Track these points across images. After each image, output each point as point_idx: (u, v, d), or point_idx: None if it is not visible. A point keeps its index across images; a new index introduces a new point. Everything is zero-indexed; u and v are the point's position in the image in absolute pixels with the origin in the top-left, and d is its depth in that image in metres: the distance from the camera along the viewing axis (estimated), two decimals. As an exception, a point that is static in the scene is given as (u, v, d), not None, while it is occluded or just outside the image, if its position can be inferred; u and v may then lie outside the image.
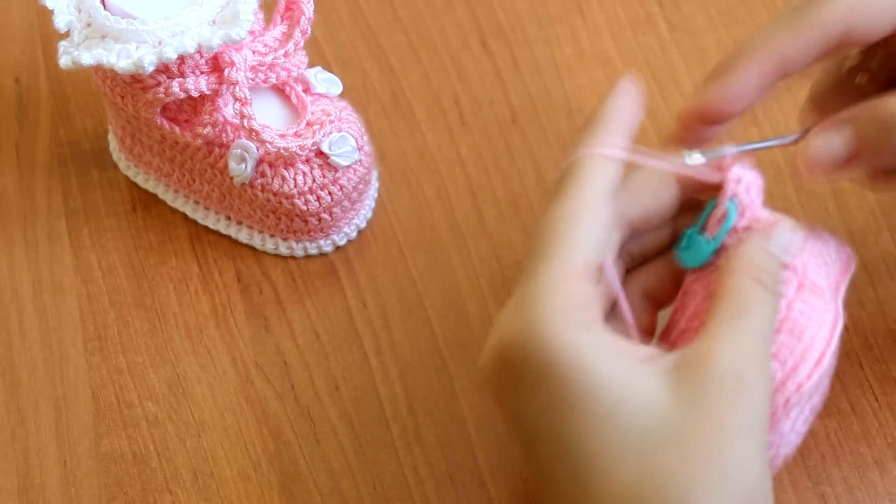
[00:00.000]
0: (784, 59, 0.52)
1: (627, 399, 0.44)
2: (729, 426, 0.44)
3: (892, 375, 0.62)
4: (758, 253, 0.49)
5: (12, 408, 0.64)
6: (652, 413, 0.44)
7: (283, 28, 0.64)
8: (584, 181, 0.48)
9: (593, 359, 0.45)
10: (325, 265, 0.67)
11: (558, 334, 0.45)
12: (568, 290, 0.46)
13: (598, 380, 0.44)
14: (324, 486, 0.61)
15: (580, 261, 0.47)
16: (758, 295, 0.48)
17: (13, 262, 0.68)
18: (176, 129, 0.64)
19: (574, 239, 0.47)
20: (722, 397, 0.44)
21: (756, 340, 0.47)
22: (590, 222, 0.48)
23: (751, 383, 0.45)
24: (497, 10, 0.76)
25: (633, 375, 0.45)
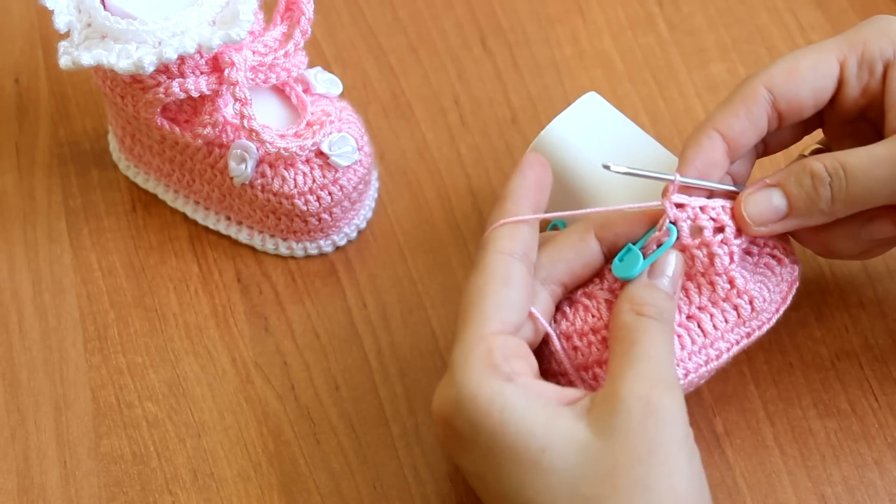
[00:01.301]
0: (725, 134, 0.56)
1: (552, 442, 0.48)
2: (646, 447, 0.48)
3: (892, 375, 0.62)
4: (638, 290, 0.54)
5: (12, 408, 0.64)
6: (576, 451, 0.48)
7: (283, 28, 0.64)
8: (492, 250, 0.54)
9: (516, 409, 0.49)
10: (325, 265, 0.67)
11: (481, 392, 0.49)
12: (487, 349, 0.50)
13: (522, 428, 0.48)
14: (324, 486, 0.61)
15: (499, 319, 0.52)
16: (642, 326, 0.52)
17: (13, 262, 0.68)
18: (176, 129, 0.64)
19: (488, 302, 0.52)
20: (633, 423, 0.48)
21: (652, 365, 0.51)
22: (500, 286, 0.52)
23: (657, 403, 0.49)
24: (497, 10, 0.76)
25: (555, 418, 0.49)
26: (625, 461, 0.48)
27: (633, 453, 0.48)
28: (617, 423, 0.48)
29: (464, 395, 0.50)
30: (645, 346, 0.51)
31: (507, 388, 0.49)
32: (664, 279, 0.54)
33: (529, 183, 0.56)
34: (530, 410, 0.49)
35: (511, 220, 0.55)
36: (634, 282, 0.54)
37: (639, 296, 0.53)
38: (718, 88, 0.72)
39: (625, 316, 0.53)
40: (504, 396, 0.49)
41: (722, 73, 0.73)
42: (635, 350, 0.51)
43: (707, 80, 0.73)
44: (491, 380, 0.50)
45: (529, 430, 0.48)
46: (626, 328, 0.52)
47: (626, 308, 0.53)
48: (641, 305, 0.53)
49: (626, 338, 0.52)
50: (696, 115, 0.71)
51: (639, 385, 0.49)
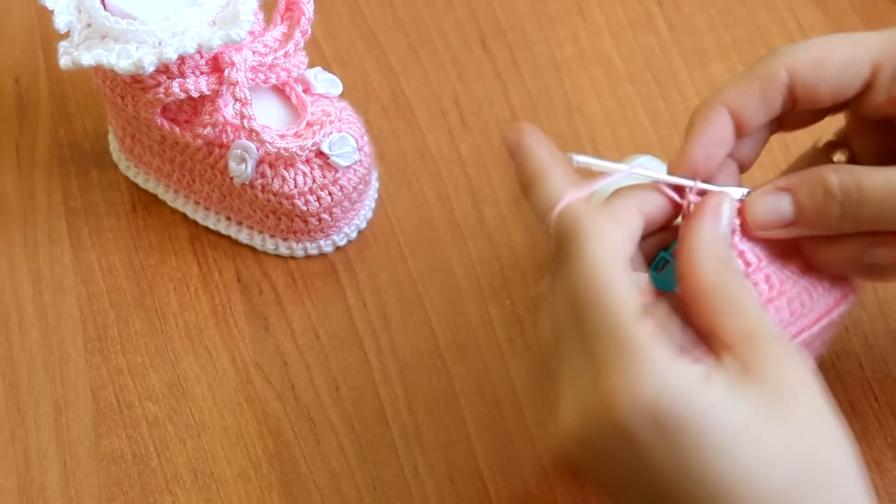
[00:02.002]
0: (735, 112, 0.53)
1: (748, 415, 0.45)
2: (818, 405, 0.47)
3: (892, 375, 0.62)
4: (717, 244, 0.51)
5: (12, 408, 0.64)
6: (768, 419, 0.45)
7: (283, 28, 0.64)
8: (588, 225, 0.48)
9: (706, 391, 0.45)
10: (325, 265, 0.67)
11: (682, 379, 0.45)
12: (656, 332, 0.46)
13: (722, 408, 0.45)
14: (324, 486, 0.61)
15: (636, 298, 0.47)
16: (737, 283, 0.49)
17: (13, 262, 0.68)
18: (176, 129, 0.64)
19: (623, 280, 0.47)
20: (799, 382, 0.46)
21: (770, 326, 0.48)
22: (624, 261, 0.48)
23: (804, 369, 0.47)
24: (497, 10, 0.76)
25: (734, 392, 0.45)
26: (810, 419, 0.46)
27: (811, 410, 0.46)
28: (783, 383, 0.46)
29: (668, 380, 0.44)
30: (754, 304, 0.49)
31: (691, 369, 0.45)
32: (726, 227, 0.52)
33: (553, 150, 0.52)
34: (718, 388, 0.45)
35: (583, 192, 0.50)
36: (705, 233, 0.51)
37: (718, 250, 0.50)
38: (718, 88, 0.72)
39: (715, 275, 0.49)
40: (696, 377, 0.45)
41: (722, 73, 0.73)
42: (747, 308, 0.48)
43: (707, 80, 0.73)
44: (680, 362, 0.45)
45: (730, 404, 0.45)
46: (724, 285, 0.49)
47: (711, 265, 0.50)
48: (725, 260, 0.50)
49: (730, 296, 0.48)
50: (696, 115, 0.71)
51: (776, 342, 0.47)
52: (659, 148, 0.70)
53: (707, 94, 0.69)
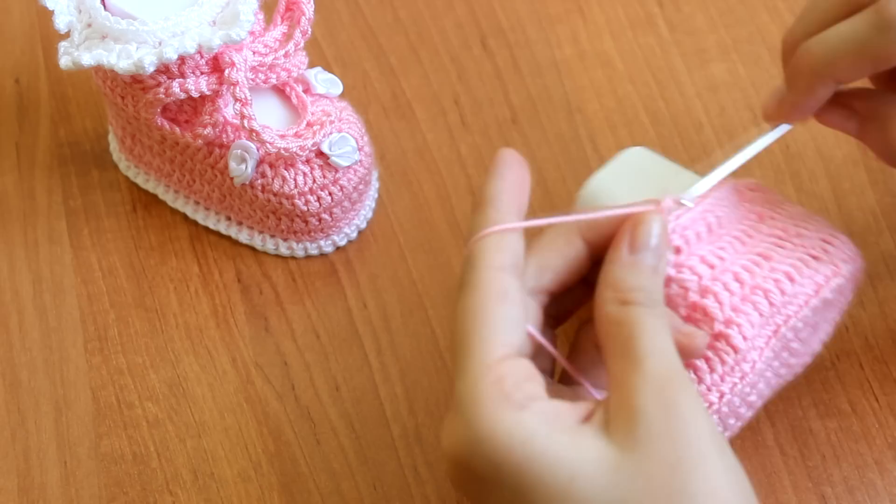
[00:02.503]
0: (843, 81, 0.53)
1: (580, 468, 0.44)
2: (676, 454, 0.44)
3: (892, 375, 0.62)
4: (619, 273, 0.49)
5: (12, 408, 0.64)
6: (606, 472, 0.44)
7: (284, 28, 0.64)
8: (482, 265, 0.48)
9: (538, 439, 0.45)
10: (325, 265, 0.67)
11: (498, 428, 0.45)
12: (496, 379, 0.46)
13: (548, 458, 0.44)
14: (324, 486, 0.61)
15: (500, 343, 0.47)
16: (633, 317, 0.47)
17: (13, 262, 0.68)
18: (176, 129, 0.64)
19: (487, 327, 0.47)
20: (656, 431, 0.44)
21: (656, 360, 0.46)
22: (500, 305, 0.47)
23: (674, 402, 0.45)
24: (497, 10, 0.76)
25: (578, 441, 0.45)
26: (658, 474, 0.44)
27: (664, 463, 0.44)
28: (639, 434, 0.44)
29: (480, 434, 0.45)
30: (643, 341, 0.46)
31: (524, 418, 0.45)
32: (647, 253, 0.49)
33: (510, 185, 0.51)
34: (552, 437, 0.45)
35: (497, 228, 0.49)
36: (614, 263, 0.49)
37: (622, 280, 0.48)
38: (718, 88, 0.72)
39: (610, 307, 0.48)
40: (523, 428, 0.45)
41: (722, 73, 0.73)
42: (633, 347, 0.46)
43: (707, 80, 0.73)
44: (506, 412, 0.45)
45: (555, 458, 0.44)
46: (616, 322, 0.47)
47: (610, 297, 0.48)
48: (627, 292, 0.48)
49: (619, 334, 0.47)
50: (696, 115, 0.71)
51: (649, 388, 0.45)
52: (659, 148, 0.70)
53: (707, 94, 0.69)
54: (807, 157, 0.69)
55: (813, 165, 0.69)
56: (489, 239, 0.49)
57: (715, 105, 0.71)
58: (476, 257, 0.48)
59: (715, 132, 0.70)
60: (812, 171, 0.69)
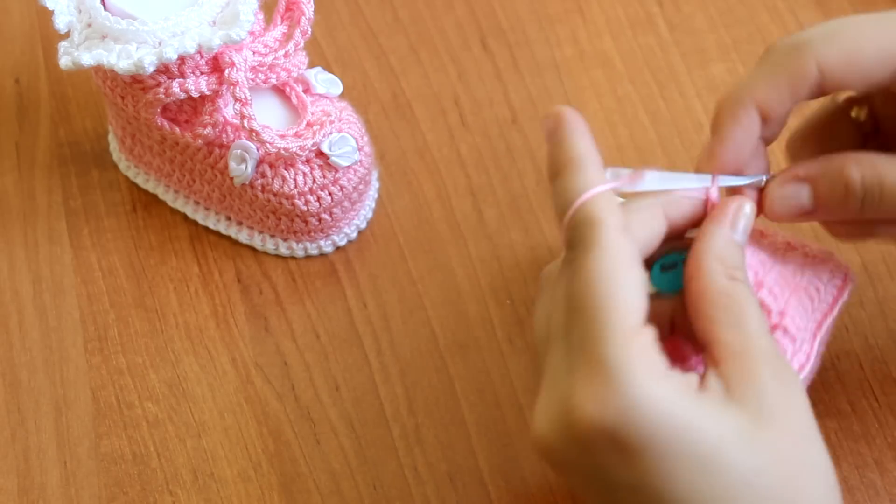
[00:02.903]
0: (764, 110, 0.52)
1: (722, 436, 0.45)
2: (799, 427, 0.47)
3: (892, 375, 0.62)
4: (727, 249, 0.50)
5: (12, 408, 0.64)
6: (745, 441, 0.45)
7: (283, 28, 0.64)
8: (606, 226, 0.46)
9: (686, 407, 0.45)
10: (325, 265, 0.67)
11: (654, 394, 0.44)
12: (645, 346, 0.45)
13: (695, 426, 0.44)
14: (324, 486, 0.61)
15: (638, 308, 0.46)
16: (742, 293, 0.48)
17: (13, 262, 0.68)
18: (176, 129, 0.64)
19: (624, 290, 0.46)
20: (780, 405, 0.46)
21: (766, 339, 0.48)
22: (632, 269, 0.46)
23: (789, 379, 0.47)
24: (497, 10, 0.76)
25: (717, 410, 0.45)
26: (789, 444, 0.45)
27: (792, 434, 0.46)
28: (766, 405, 0.45)
29: (636, 401, 0.44)
30: (755, 318, 0.48)
31: (672, 386, 0.45)
32: (742, 235, 0.50)
33: (590, 141, 0.49)
34: (696, 405, 0.45)
35: (606, 186, 0.47)
36: (718, 238, 0.50)
37: (730, 257, 0.49)
38: (718, 88, 0.72)
39: (722, 280, 0.48)
40: (673, 395, 0.44)
41: (722, 73, 0.73)
42: (748, 322, 0.47)
43: (707, 80, 0.73)
44: (658, 380, 0.45)
45: (701, 426, 0.44)
46: (729, 295, 0.48)
47: (721, 270, 0.49)
48: (735, 269, 0.49)
49: (733, 306, 0.48)
50: (696, 115, 0.71)
51: (769, 362, 0.46)
52: (659, 148, 0.70)
53: (707, 94, 0.69)
54: (807, 157, 0.69)
55: (813, 165, 0.69)
56: (602, 198, 0.47)
57: (715, 105, 0.71)
58: (595, 217, 0.47)
59: (715, 132, 0.70)
60: (812, 171, 0.69)
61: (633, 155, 0.70)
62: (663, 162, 0.69)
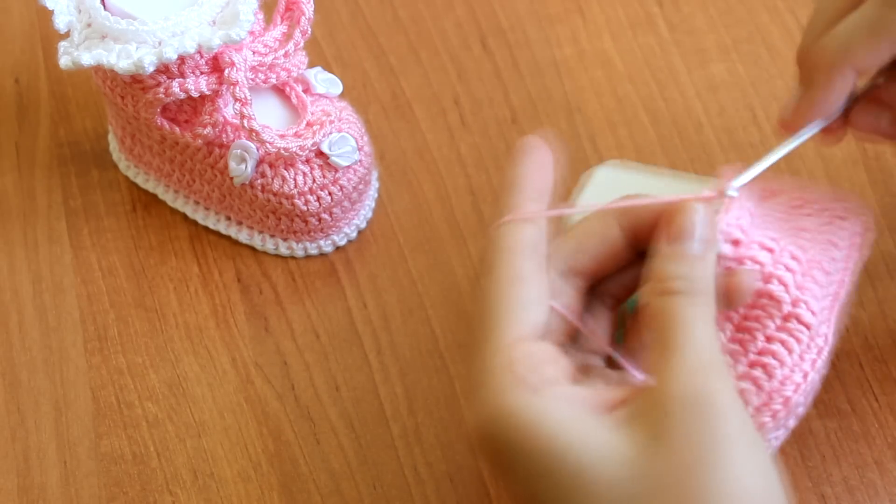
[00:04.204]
0: (861, 69, 0.52)
1: (591, 459, 0.43)
2: (701, 451, 0.42)
3: (892, 375, 0.62)
4: (659, 264, 0.48)
5: (12, 408, 0.64)
6: (619, 466, 0.43)
7: (283, 28, 0.64)
8: (500, 249, 0.49)
9: (548, 424, 0.44)
10: (325, 265, 0.67)
11: (509, 409, 0.45)
12: (508, 360, 0.46)
13: (557, 445, 0.43)
14: (324, 486, 0.61)
15: (517, 322, 0.47)
16: (671, 306, 0.46)
17: (13, 262, 0.68)
18: (176, 129, 0.64)
19: (502, 307, 0.47)
20: (682, 424, 0.43)
21: (691, 350, 0.45)
22: (515, 287, 0.48)
23: (705, 394, 0.43)
24: (497, 10, 0.76)
25: (592, 431, 0.44)
26: (679, 471, 0.42)
27: (686, 460, 0.42)
28: (664, 426, 0.43)
29: (493, 414, 0.45)
30: (679, 331, 0.45)
31: (535, 402, 0.44)
32: (691, 243, 0.48)
33: (531, 170, 0.51)
34: (564, 424, 0.44)
35: (517, 215, 0.50)
36: (653, 255, 0.48)
37: (660, 270, 0.47)
38: (718, 88, 0.72)
39: (651, 300, 0.47)
40: (533, 411, 0.44)
41: (722, 73, 0.73)
42: (669, 337, 0.45)
43: (707, 80, 0.73)
44: (517, 396, 0.45)
45: (565, 446, 0.43)
46: (654, 313, 0.46)
47: (650, 289, 0.47)
48: (665, 282, 0.47)
49: (658, 325, 0.46)
50: (696, 115, 0.71)
51: (681, 378, 0.44)
52: (659, 148, 0.70)
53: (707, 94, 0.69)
54: (807, 158, 0.69)
55: (813, 165, 0.69)
56: (508, 224, 0.50)
57: (715, 105, 0.71)
58: (495, 242, 0.49)
59: (715, 132, 0.70)
60: (812, 171, 0.69)
61: (633, 155, 0.70)
62: (663, 162, 0.69)
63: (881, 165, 0.68)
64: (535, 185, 0.51)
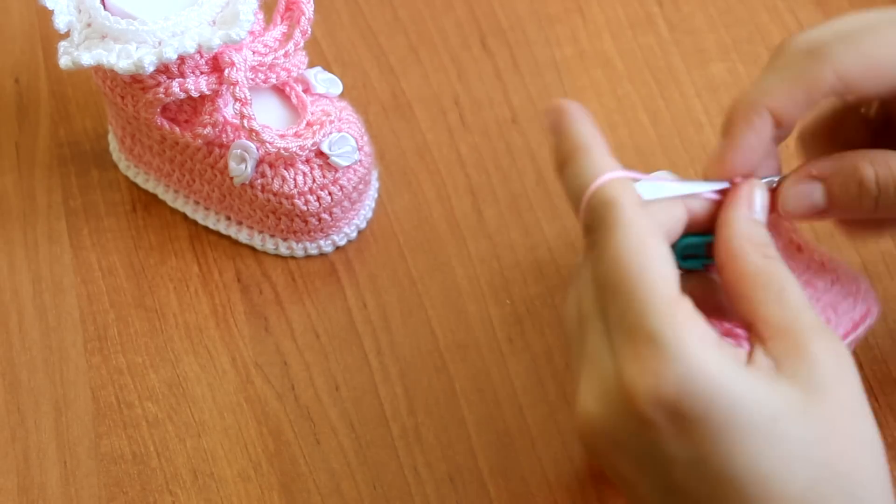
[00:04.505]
0: (778, 116, 0.51)
1: (778, 408, 0.44)
2: (852, 401, 0.46)
3: (892, 375, 0.62)
4: (754, 229, 0.49)
5: (12, 408, 0.64)
6: (800, 414, 0.45)
7: (283, 28, 0.64)
8: (626, 204, 0.46)
9: (741, 379, 0.44)
10: (325, 265, 0.67)
11: (710, 366, 0.44)
12: (689, 314, 0.45)
13: (751, 398, 0.44)
14: (324, 486, 0.61)
15: (674, 278, 0.46)
16: (780, 270, 0.48)
17: (13, 262, 0.68)
18: (176, 129, 0.64)
19: (658, 261, 0.46)
20: (833, 378, 0.45)
21: (811, 313, 0.47)
22: (659, 242, 0.46)
23: (841, 351, 0.46)
24: (497, 10, 0.76)
25: (771, 383, 0.45)
26: (842, 418, 0.45)
27: (845, 409, 0.45)
28: (818, 380, 0.45)
29: (693, 370, 0.43)
30: (795, 293, 0.47)
31: (725, 357, 0.44)
32: (760, 213, 0.50)
33: (594, 129, 0.49)
34: (749, 379, 0.44)
35: (622, 174, 0.47)
36: (741, 220, 0.49)
37: (757, 236, 0.49)
38: (718, 88, 0.72)
39: (757, 259, 0.48)
40: (728, 365, 0.44)
41: (722, 73, 0.73)
42: (790, 298, 0.47)
43: (707, 80, 0.73)
44: (711, 349, 0.44)
45: (757, 397, 0.44)
46: (766, 273, 0.48)
47: (752, 250, 0.48)
48: (765, 247, 0.49)
49: (772, 284, 0.47)
50: (696, 115, 0.71)
51: (818, 337, 0.46)
52: (659, 148, 0.70)
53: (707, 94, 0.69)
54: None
55: (813, 165, 0.69)
56: (616, 180, 0.47)
57: (715, 105, 0.71)
58: (612, 198, 0.46)
59: (715, 132, 0.70)
60: (812, 170, 0.69)
61: (633, 155, 0.70)
62: (663, 162, 0.69)
63: (881, 165, 0.68)
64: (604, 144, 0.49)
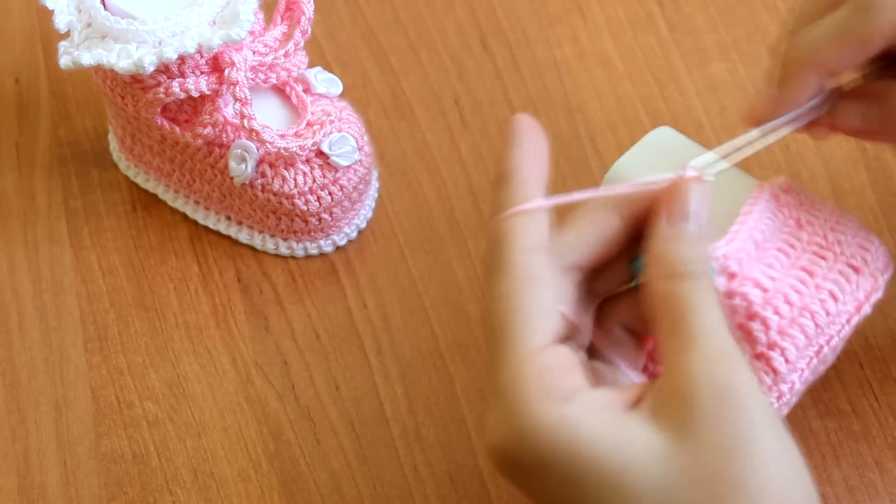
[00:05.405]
0: (831, 69, 0.53)
1: (629, 459, 0.43)
2: (730, 441, 0.42)
3: (892, 375, 0.62)
4: (662, 247, 0.46)
5: (12, 408, 0.64)
6: (656, 463, 0.42)
7: (284, 28, 0.64)
8: (511, 247, 0.46)
9: (583, 432, 0.43)
10: (325, 265, 0.67)
11: (543, 422, 0.43)
12: (538, 371, 0.44)
13: (594, 451, 0.43)
14: (324, 486, 0.61)
15: (538, 330, 0.45)
16: (682, 292, 0.45)
17: (13, 262, 0.68)
18: (176, 129, 0.65)
19: (522, 314, 0.45)
20: (709, 416, 0.42)
21: (708, 338, 0.44)
22: (533, 290, 0.45)
23: (728, 384, 0.43)
24: (497, 10, 0.76)
25: (625, 431, 0.43)
26: (712, 462, 0.42)
27: (718, 451, 0.42)
28: (691, 419, 0.42)
29: (525, 429, 0.43)
30: (693, 318, 0.44)
31: (568, 411, 0.43)
32: (688, 224, 0.46)
33: (530, 156, 0.48)
34: (598, 430, 0.43)
35: (523, 208, 0.46)
36: (655, 237, 0.46)
37: (665, 254, 0.46)
38: (718, 88, 0.72)
39: (658, 283, 0.45)
40: (568, 421, 0.43)
41: (722, 73, 0.73)
42: (685, 325, 0.44)
43: (707, 80, 0.73)
44: (550, 406, 0.43)
45: (602, 451, 0.42)
46: (666, 299, 0.45)
47: (656, 273, 0.46)
48: (673, 265, 0.45)
49: (670, 311, 0.45)
50: (696, 114, 0.71)
51: (702, 368, 0.43)
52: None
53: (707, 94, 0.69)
54: (807, 157, 0.69)
55: (813, 165, 0.69)
56: (516, 218, 0.46)
57: (715, 105, 0.71)
58: (504, 238, 0.46)
59: (715, 132, 0.70)
60: (812, 170, 0.69)
61: (633, 155, 0.70)
62: (663, 162, 0.69)
63: (881, 165, 0.68)
64: (534, 173, 0.48)
